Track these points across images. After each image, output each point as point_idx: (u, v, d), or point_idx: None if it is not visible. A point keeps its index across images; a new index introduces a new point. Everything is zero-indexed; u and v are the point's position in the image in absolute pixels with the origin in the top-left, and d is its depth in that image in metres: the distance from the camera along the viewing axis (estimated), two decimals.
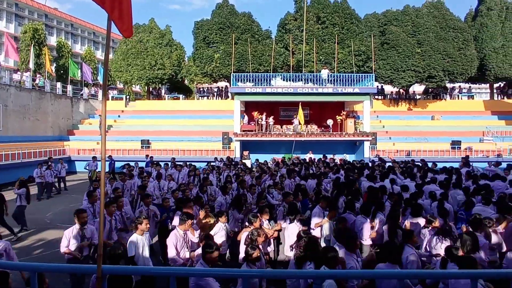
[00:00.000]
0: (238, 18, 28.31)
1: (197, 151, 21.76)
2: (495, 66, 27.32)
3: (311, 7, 27.34)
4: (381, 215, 6.01)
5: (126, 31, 3.14)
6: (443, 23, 27.26)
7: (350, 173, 10.45)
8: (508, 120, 25.46)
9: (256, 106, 22.73)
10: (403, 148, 21.66)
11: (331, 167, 12.54)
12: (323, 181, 9.52)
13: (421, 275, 3.75)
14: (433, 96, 29.58)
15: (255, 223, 5.10)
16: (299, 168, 12.03)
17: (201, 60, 27.95)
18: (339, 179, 9.45)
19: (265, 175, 10.39)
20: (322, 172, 11.16)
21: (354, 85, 20.96)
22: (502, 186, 8.83)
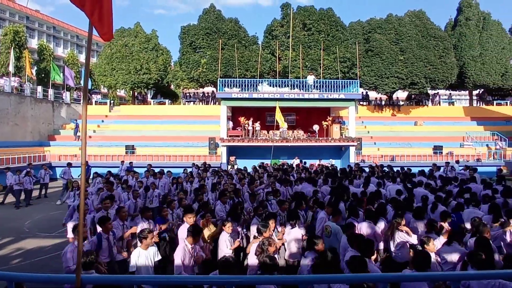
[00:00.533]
0: (225, 23, 28.37)
1: (183, 157, 21.50)
2: (473, 74, 28.31)
3: (298, 14, 27.69)
4: (383, 220, 6.02)
5: (106, 34, 3.09)
6: (425, 31, 28.11)
7: (338, 179, 10.50)
8: (486, 125, 26.34)
9: (242, 111, 22.72)
10: (387, 153, 22.05)
11: (310, 173, 12.57)
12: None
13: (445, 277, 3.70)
14: (415, 102, 30.33)
15: (265, 233, 4.90)
16: (280, 174, 11.85)
17: (188, 65, 27.81)
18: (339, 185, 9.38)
19: (256, 182, 10.28)
20: (299, 178, 10.96)
21: (339, 91, 21.26)
22: (476, 188, 9.15)
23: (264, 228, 4.94)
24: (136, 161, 20.18)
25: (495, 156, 22.39)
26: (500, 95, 31.93)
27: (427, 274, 3.67)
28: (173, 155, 21.48)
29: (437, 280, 3.80)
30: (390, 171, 12.53)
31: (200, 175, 12.10)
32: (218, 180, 10.51)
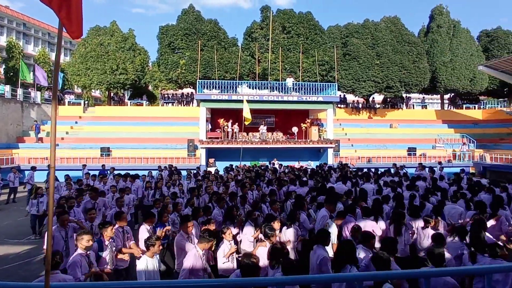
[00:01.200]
0: (204, 24, 28.16)
1: (161, 159, 21.06)
2: (444, 79, 29.57)
3: (277, 17, 27.91)
4: (381, 219, 6.17)
5: (75, 32, 2.96)
6: (399, 37, 29.11)
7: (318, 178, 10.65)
8: (456, 128, 27.57)
9: (222, 113, 22.57)
10: (364, 155, 22.59)
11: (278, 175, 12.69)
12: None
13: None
14: (391, 105, 31.31)
15: (272, 237, 4.77)
16: (253, 176, 11.83)
17: (166, 65, 27.36)
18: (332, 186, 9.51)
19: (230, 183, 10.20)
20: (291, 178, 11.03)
21: (318, 94, 21.55)
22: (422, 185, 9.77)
23: (271, 232, 4.81)
24: (112, 164, 19.59)
25: (464, 157, 23.43)
26: (469, 99, 33.56)
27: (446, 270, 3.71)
28: (151, 157, 21.00)
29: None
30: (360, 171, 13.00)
31: (170, 178, 11.57)
32: (199, 184, 10.21)
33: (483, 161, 22.11)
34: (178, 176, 12.17)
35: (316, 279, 3.50)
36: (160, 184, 10.13)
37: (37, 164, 18.63)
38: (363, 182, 10.27)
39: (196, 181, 11.03)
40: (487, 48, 32.10)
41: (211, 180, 10.83)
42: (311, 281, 3.58)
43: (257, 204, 6.99)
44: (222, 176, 12.92)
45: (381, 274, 3.23)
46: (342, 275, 3.49)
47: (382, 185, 9.63)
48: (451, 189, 9.30)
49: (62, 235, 5.43)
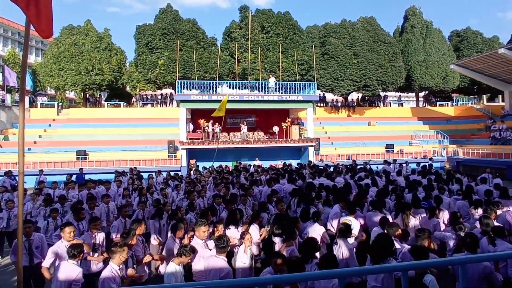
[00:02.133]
0: (183, 24, 27.80)
1: (141, 161, 20.63)
2: (419, 77, 30.59)
3: (256, 16, 27.94)
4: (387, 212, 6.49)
5: (45, 31, 2.85)
6: (376, 37, 29.84)
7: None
8: (431, 125, 28.57)
9: (202, 113, 22.33)
10: (344, 153, 22.99)
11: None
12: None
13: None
14: (369, 103, 32.05)
15: (294, 240, 4.87)
16: (234, 176, 11.76)
17: (144, 66, 26.81)
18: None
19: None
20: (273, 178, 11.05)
21: (298, 93, 21.72)
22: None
23: (293, 234, 4.91)
24: (88, 167, 19.01)
25: (439, 153, 24.33)
26: (442, 97, 34.88)
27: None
28: (130, 160, 20.50)
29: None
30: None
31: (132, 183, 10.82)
32: (188, 188, 9.41)
33: (457, 156, 23.02)
34: (140, 181, 11.29)
35: (363, 271, 3.51)
36: (151, 190, 9.31)
37: (7, 169, 17.79)
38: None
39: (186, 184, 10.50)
40: (458, 48, 33.48)
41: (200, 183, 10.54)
42: (357, 273, 3.68)
43: (264, 205, 6.87)
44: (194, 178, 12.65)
45: (423, 263, 3.24)
46: (389, 266, 3.50)
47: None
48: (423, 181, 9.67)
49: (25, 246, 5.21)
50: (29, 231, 5.31)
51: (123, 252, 4.05)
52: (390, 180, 9.86)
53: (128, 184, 11.10)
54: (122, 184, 10.66)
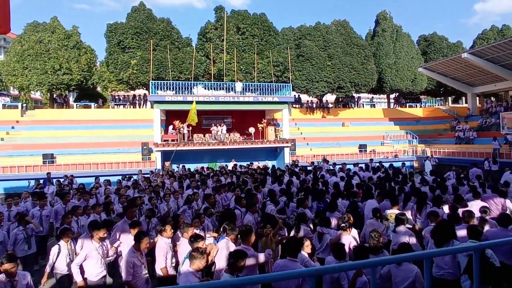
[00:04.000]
0: (156, 23, 27.19)
1: (113, 164, 19.96)
2: (390, 80, 31.70)
3: (231, 17, 27.83)
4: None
5: (2, 26, 2.68)
6: (348, 40, 30.61)
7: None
8: (401, 125, 29.68)
9: (177, 115, 21.94)
10: (319, 153, 23.34)
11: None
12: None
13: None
14: (342, 104, 32.81)
15: (348, 228, 5.24)
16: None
17: (116, 65, 25.95)
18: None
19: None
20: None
21: (273, 94, 21.85)
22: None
23: (347, 224, 5.35)
24: (56, 171, 18.12)
25: (409, 152, 25.32)
26: (411, 99, 36.35)
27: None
28: (101, 163, 19.78)
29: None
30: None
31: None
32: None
33: (425, 154, 24.02)
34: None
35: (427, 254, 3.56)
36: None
37: None
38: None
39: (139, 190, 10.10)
40: (425, 52, 35.04)
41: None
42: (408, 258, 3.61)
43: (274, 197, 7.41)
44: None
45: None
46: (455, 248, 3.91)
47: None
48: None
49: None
50: (13, 271, 4.01)
51: (203, 260, 3.95)
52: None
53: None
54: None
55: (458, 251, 2.95)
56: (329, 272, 3.59)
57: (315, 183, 9.92)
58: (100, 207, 7.35)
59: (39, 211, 7.88)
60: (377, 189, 8.78)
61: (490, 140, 20.48)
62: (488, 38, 32.55)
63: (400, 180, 10.29)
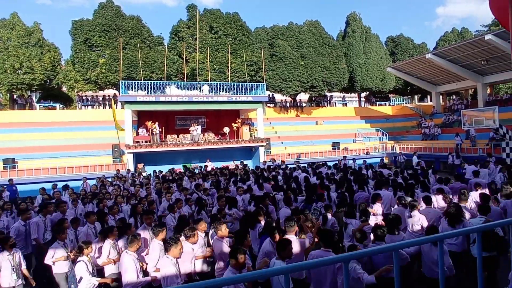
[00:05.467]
0: (126, 21, 26.31)
1: (82, 168, 19.10)
2: (360, 79, 32.67)
3: (204, 16, 27.49)
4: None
5: None
6: (320, 40, 31.18)
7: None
8: (372, 123, 30.67)
9: (149, 115, 21.37)
10: (293, 152, 23.64)
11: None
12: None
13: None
14: (316, 103, 33.40)
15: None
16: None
17: (83, 64, 24.83)
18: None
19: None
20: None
21: (247, 94, 21.81)
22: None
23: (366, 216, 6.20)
24: (18, 177, 17.07)
25: (380, 149, 26.22)
26: (380, 97, 37.68)
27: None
28: (69, 167, 18.85)
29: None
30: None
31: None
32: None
33: (394, 151, 24.97)
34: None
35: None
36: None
37: None
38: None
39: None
40: (393, 52, 36.44)
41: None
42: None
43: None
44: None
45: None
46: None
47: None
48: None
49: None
50: None
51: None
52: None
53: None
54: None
55: (467, 232, 3.25)
56: (359, 256, 3.79)
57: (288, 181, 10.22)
58: (94, 215, 6.68)
59: (24, 226, 6.77)
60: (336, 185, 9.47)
61: (453, 136, 21.63)
62: (449, 40, 34.35)
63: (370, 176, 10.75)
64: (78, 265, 4.69)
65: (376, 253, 2.28)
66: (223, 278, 2.13)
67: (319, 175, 11.24)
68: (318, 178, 10.47)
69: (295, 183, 10.18)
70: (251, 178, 11.91)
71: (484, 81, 25.63)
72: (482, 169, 11.05)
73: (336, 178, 10.56)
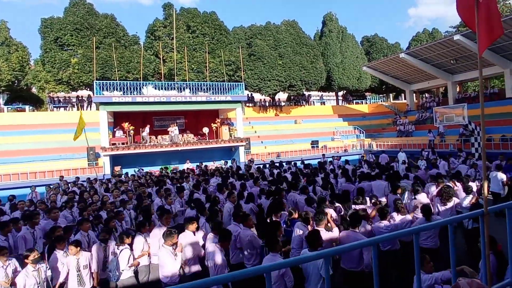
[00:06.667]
0: (99, 19, 25.49)
1: (55, 172, 18.34)
2: (337, 78, 33.29)
3: (181, 15, 27.09)
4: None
5: None
6: (298, 39, 31.50)
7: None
8: (349, 121, 31.35)
9: (126, 116, 20.83)
10: (273, 151, 23.77)
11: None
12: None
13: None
14: (294, 102, 33.74)
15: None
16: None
17: (53, 64, 23.84)
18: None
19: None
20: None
21: (226, 94, 21.71)
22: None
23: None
24: None
25: (357, 146, 26.85)
26: (357, 96, 38.58)
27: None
28: (40, 171, 18.06)
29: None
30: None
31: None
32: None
33: (372, 148, 25.64)
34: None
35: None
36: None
37: None
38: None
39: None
40: (368, 52, 37.38)
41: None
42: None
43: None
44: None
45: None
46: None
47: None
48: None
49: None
50: None
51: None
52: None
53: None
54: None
55: (439, 224, 3.28)
56: (382, 240, 3.82)
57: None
58: (88, 223, 6.23)
59: (5, 241, 6.04)
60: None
61: (426, 132, 22.47)
62: (421, 40, 35.66)
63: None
64: (123, 253, 5.12)
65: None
66: (277, 262, 2.37)
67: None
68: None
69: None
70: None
71: (454, 80, 26.81)
72: (461, 165, 11.64)
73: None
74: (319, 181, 9.60)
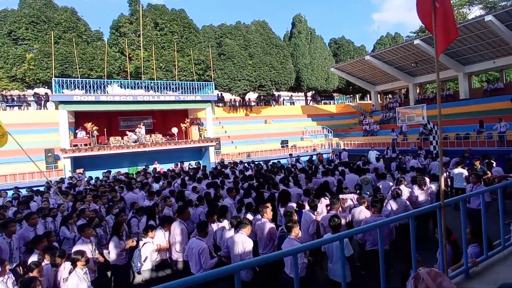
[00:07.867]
0: (58, 13, 24.03)
1: (9, 176, 17.06)
2: (306, 78, 33.90)
3: (148, 12, 26.24)
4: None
5: None
6: (268, 40, 31.68)
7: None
8: (318, 121, 32.06)
9: (89, 116, 19.82)
10: (244, 150, 23.74)
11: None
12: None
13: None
14: (264, 102, 33.91)
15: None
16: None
17: (6, 60, 22.13)
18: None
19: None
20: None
21: (196, 93, 21.35)
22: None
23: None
24: None
25: (326, 145, 27.52)
26: (325, 96, 39.55)
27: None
28: None
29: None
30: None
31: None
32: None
33: (339, 147, 26.38)
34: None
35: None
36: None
37: None
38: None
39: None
40: (336, 53, 38.42)
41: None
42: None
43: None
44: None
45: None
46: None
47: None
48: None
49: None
50: None
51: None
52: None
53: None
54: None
55: (398, 219, 3.48)
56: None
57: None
58: (89, 229, 5.71)
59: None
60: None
61: (389, 131, 23.49)
62: (384, 44, 37.24)
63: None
64: (146, 246, 5.42)
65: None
66: (300, 245, 3.02)
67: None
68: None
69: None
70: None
71: (414, 82, 28.29)
72: (433, 162, 12.71)
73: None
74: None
